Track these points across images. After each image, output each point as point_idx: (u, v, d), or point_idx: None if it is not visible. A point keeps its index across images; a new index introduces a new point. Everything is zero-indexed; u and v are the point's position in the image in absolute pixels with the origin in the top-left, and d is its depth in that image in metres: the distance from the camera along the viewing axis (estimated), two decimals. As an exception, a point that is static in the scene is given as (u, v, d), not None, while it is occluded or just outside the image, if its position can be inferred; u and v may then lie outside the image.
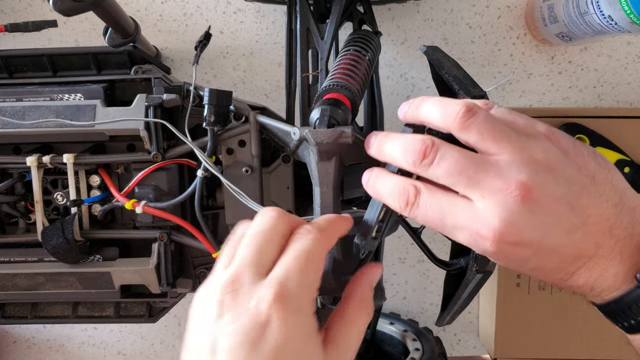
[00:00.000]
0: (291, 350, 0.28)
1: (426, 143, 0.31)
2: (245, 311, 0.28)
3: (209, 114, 0.43)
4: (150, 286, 0.48)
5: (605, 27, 0.54)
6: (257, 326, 0.28)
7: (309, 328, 0.30)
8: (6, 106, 0.46)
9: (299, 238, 0.32)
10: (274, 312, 0.28)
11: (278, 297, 0.28)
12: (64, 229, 0.46)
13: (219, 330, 0.28)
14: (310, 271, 0.31)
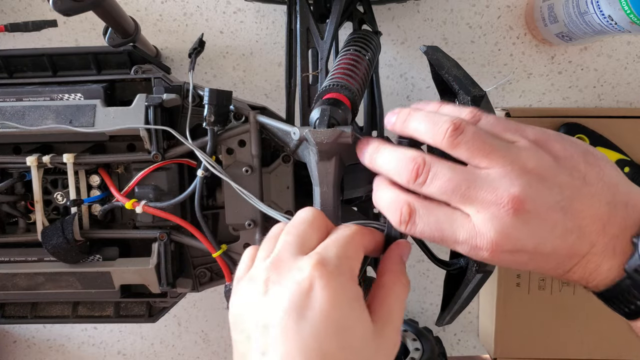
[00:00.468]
0: (337, 314, 0.28)
1: (417, 162, 0.32)
2: (289, 282, 0.29)
3: (209, 114, 0.43)
4: (150, 286, 0.48)
5: (605, 27, 0.54)
6: (302, 294, 0.28)
7: (352, 292, 0.30)
8: (6, 106, 0.46)
9: (340, 228, 0.33)
10: (315, 278, 0.29)
11: (318, 263, 0.29)
12: (64, 229, 0.46)
13: (267, 306, 0.29)
14: (349, 248, 0.31)
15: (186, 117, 0.48)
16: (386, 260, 0.35)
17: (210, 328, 0.77)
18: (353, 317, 0.29)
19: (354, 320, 0.29)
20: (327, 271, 0.29)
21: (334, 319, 0.28)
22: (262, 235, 0.47)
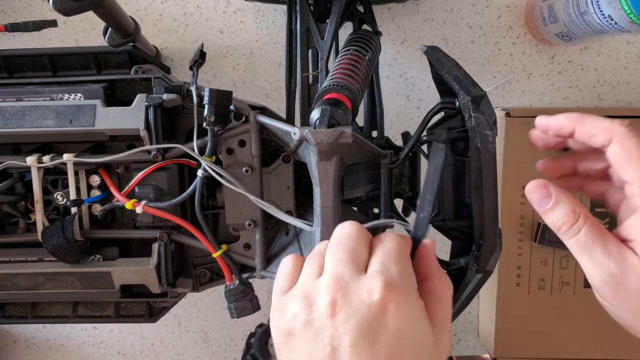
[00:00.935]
0: (410, 334, 0.29)
1: None
2: (359, 305, 0.29)
3: (209, 114, 0.43)
4: (150, 286, 0.48)
5: (605, 27, 0.54)
6: (375, 317, 0.29)
7: (419, 309, 0.31)
8: (6, 106, 0.46)
9: (384, 239, 0.33)
10: (387, 300, 0.29)
11: (387, 285, 0.29)
12: (64, 229, 0.46)
13: (338, 328, 0.29)
14: (404, 262, 0.32)
15: (186, 117, 0.48)
16: (425, 262, 0.35)
17: (210, 328, 0.77)
18: (422, 333, 0.30)
19: (423, 336, 0.30)
20: (398, 293, 0.29)
21: (408, 338, 0.29)
22: (262, 235, 0.47)
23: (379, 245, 0.33)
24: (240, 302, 0.48)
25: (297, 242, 0.47)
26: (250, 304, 0.48)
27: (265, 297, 0.75)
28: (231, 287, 0.48)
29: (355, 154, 0.41)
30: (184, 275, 0.51)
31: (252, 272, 0.49)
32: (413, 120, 0.70)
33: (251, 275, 0.49)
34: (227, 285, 0.48)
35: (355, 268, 0.31)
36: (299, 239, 0.48)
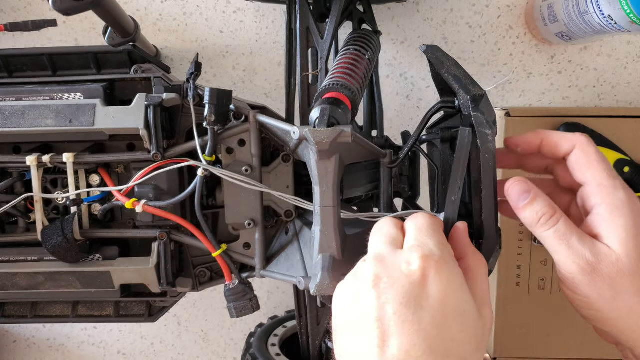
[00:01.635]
0: (453, 300, 0.30)
1: None
2: (399, 275, 0.30)
3: (209, 114, 0.43)
4: (150, 285, 0.48)
5: (605, 27, 0.54)
6: (416, 285, 0.30)
7: (460, 277, 0.32)
8: (6, 106, 0.46)
9: (415, 218, 0.35)
10: (427, 267, 0.30)
11: (424, 256, 0.31)
12: (63, 229, 0.46)
13: (380, 297, 0.30)
14: (438, 234, 0.34)
15: (186, 116, 0.48)
16: (459, 242, 0.36)
17: (210, 327, 0.77)
18: (465, 300, 0.31)
19: (466, 303, 0.31)
20: (435, 261, 0.31)
21: (451, 305, 0.30)
22: (262, 235, 0.47)
23: (411, 224, 0.35)
24: (240, 301, 0.48)
25: (297, 242, 0.47)
26: (249, 303, 0.48)
27: (265, 296, 0.75)
28: (231, 287, 0.48)
29: (354, 153, 0.41)
30: (183, 274, 0.51)
31: (251, 271, 0.49)
32: (413, 119, 0.70)
33: (251, 275, 0.49)
34: (227, 284, 0.48)
35: (392, 245, 0.33)
36: (299, 238, 0.48)
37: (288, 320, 0.67)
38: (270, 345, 0.62)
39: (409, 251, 0.32)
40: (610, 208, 0.35)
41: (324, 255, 0.40)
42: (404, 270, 0.31)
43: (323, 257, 0.40)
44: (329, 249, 0.40)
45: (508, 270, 0.64)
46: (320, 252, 0.40)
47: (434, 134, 0.46)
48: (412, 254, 0.31)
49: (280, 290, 0.75)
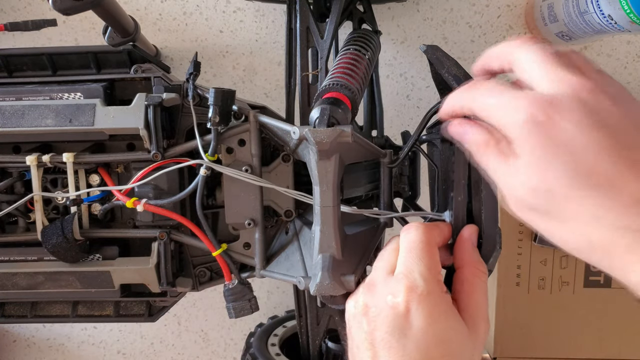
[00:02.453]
0: (435, 329, 0.32)
1: None
2: (384, 305, 0.33)
3: (214, 115, 0.43)
4: (150, 285, 0.48)
5: (605, 27, 0.54)
6: (400, 316, 0.33)
7: (444, 305, 0.33)
8: (6, 105, 0.46)
9: (407, 233, 0.36)
10: (410, 302, 0.33)
11: (409, 288, 0.33)
12: (63, 228, 0.46)
13: (370, 324, 0.34)
14: (426, 256, 0.35)
15: (186, 116, 0.48)
16: (459, 251, 0.37)
17: (210, 327, 0.77)
18: (449, 327, 0.33)
19: (450, 329, 0.33)
20: (418, 295, 0.33)
21: (433, 333, 0.32)
22: (262, 235, 0.47)
23: (403, 241, 0.36)
24: (239, 302, 0.48)
25: (296, 241, 0.47)
26: (248, 304, 0.48)
27: (265, 297, 0.75)
28: (230, 287, 0.47)
29: (354, 153, 0.41)
30: (183, 274, 0.51)
31: (251, 271, 0.49)
32: (413, 119, 0.70)
33: (250, 275, 0.49)
34: (226, 284, 0.48)
35: (386, 272, 0.35)
36: (299, 238, 0.48)
37: (288, 320, 0.67)
38: (270, 345, 0.62)
39: (396, 281, 0.34)
40: None
41: (324, 255, 0.40)
42: (389, 302, 0.33)
43: (323, 257, 0.40)
44: (329, 249, 0.40)
45: (508, 270, 0.64)
46: (320, 252, 0.40)
47: (434, 133, 0.46)
48: (398, 285, 0.33)
49: (280, 290, 0.75)
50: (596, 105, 0.29)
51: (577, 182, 0.28)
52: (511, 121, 0.30)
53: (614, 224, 0.28)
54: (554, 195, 0.29)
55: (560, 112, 0.28)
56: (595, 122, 0.28)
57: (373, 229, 0.46)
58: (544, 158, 0.29)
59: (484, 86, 0.33)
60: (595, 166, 0.28)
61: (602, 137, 0.28)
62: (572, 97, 0.29)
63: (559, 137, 0.28)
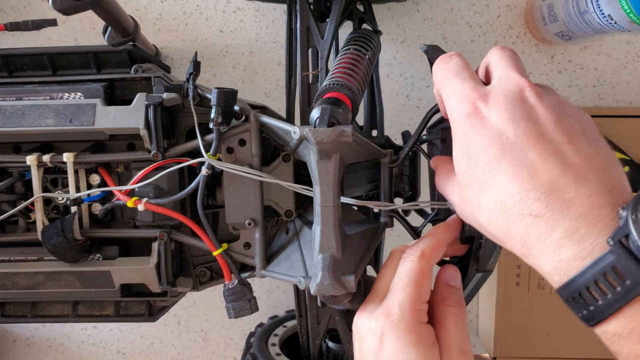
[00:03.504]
0: (406, 356, 0.35)
1: None
2: (368, 329, 0.37)
3: (216, 115, 0.43)
4: (150, 285, 0.48)
5: (605, 26, 0.54)
6: (377, 340, 0.36)
7: (415, 335, 0.36)
8: (6, 105, 0.46)
9: (402, 262, 0.38)
10: (384, 328, 0.36)
11: (384, 315, 0.36)
12: (64, 228, 0.46)
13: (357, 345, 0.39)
14: (411, 287, 0.37)
15: (186, 116, 0.48)
16: (435, 289, 0.40)
17: (210, 327, 0.77)
18: (418, 356, 0.35)
19: (419, 358, 0.35)
20: (391, 322, 0.36)
21: (402, 358, 0.35)
22: (262, 234, 0.47)
23: (399, 268, 0.38)
24: (239, 302, 0.48)
25: (297, 241, 0.47)
26: (248, 304, 0.48)
27: (265, 296, 0.75)
28: (230, 287, 0.47)
29: (355, 153, 0.41)
30: (183, 274, 0.51)
31: (251, 271, 0.49)
32: (413, 119, 0.70)
33: (250, 275, 0.49)
34: (226, 284, 0.48)
35: (376, 298, 0.39)
36: (299, 238, 0.48)
37: (288, 320, 0.67)
38: (271, 344, 0.62)
39: (380, 308, 0.37)
40: None
41: (324, 255, 0.40)
42: (371, 326, 0.37)
43: (323, 257, 0.40)
44: (329, 249, 0.40)
45: (508, 270, 0.64)
46: (320, 252, 0.40)
47: (434, 133, 0.46)
48: (380, 311, 0.37)
49: (280, 290, 0.75)
50: (530, 104, 0.32)
51: (489, 169, 0.31)
52: (451, 109, 0.34)
53: (521, 210, 0.30)
54: (472, 180, 0.32)
55: (492, 101, 0.32)
56: (523, 115, 0.31)
57: (373, 229, 0.46)
58: (465, 144, 0.33)
59: (449, 68, 0.36)
60: (507, 151, 0.31)
61: (525, 128, 0.31)
62: (510, 91, 0.32)
63: (484, 125, 0.32)
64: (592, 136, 0.31)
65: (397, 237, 0.72)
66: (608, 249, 0.27)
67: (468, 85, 0.34)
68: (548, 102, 0.32)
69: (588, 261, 0.28)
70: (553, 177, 0.29)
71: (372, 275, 0.53)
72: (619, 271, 0.26)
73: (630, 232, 0.26)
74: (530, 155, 0.30)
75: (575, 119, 0.32)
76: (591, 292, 0.28)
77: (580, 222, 0.28)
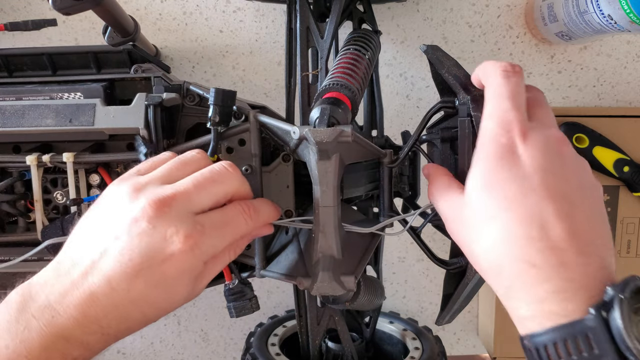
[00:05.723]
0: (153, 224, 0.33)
1: None
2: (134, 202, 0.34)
3: (214, 115, 0.43)
4: (150, 285, 0.48)
5: (605, 26, 0.54)
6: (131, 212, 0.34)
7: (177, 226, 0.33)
8: (6, 105, 0.46)
9: (212, 168, 0.37)
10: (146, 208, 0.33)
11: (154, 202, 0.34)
12: (63, 228, 0.46)
13: None
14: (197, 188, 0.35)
15: (186, 116, 0.48)
16: None
17: (209, 327, 0.77)
18: None
19: None
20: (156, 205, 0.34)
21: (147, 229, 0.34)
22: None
23: None
24: (239, 301, 0.48)
25: (296, 241, 0.47)
26: (249, 303, 0.48)
27: (265, 296, 0.75)
28: (230, 287, 0.47)
29: (355, 153, 0.41)
30: (183, 274, 0.50)
31: (252, 271, 0.49)
32: (412, 119, 0.70)
33: (251, 275, 0.49)
34: (227, 284, 0.48)
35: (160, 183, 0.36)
36: (299, 238, 0.48)
37: (288, 319, 0.67)
38: (270, 344, 0.62)
39: None
40: None
41: (324, 255, 0.40)
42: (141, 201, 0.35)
43: (323, 257, 0.40)
44: (329, 249, 0.40)
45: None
46: (320, 252, 0.40)
47: (434, 133, 0.46)
48: None
49: (280, 290, 0.75)
50: (564, 161, 0.32)
51: (504, 205, 0.32)
52: (486, 127, 0.34)
53: (521, 255, 0.31)
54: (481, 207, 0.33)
55: (531, 142, 0.32)
56: (554, 169, 0.32)
57: (373, 228, 0.46)
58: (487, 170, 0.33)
59: (508, 85, 0.35)
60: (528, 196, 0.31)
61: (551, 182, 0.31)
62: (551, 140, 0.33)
63: (514, 162, 0.32)
64: (602, 210, 0.32)
65: (397, 236, 0.72)
66: (587, 316, 0.28)
67: (516, 115, 0.33)
68: (578, 166, 0.33)
69: (565, 320, 0.29)
70: (561, 237, 0.30)
71: (372, 276, 0.53)
72: (590, 339, 0.28)
73: (612, 308, 0.28)
74: (548, 208, 0.31)
75: (592, 190, 0.33)
76: (557, 349, 0.29)
77: (570, 284, 0.29)
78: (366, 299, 0.47)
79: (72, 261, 0.34)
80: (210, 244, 0.34)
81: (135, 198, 0.34)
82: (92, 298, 0.32)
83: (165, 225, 0.33)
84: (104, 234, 0.34)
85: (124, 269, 0.32)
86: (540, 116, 0.34)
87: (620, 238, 0.66)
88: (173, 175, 0.36)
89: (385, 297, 0.53)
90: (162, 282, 0.33)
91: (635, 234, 0.65)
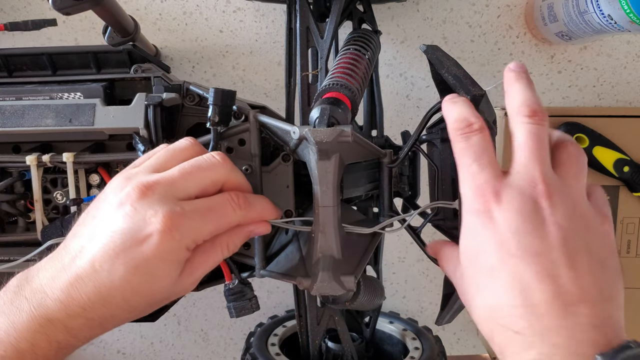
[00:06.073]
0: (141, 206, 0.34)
1: None
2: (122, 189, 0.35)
3: (213, 114, 0.43)
4: (150, 285, 0.48)
5: (605, 26, 0.54)
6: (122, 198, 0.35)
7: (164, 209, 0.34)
8: (6, 105, 0.46)
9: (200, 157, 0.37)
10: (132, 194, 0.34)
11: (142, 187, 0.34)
12: (63, 228, 0.46)
13: None
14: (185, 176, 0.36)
15: (185, 116, 0.48)
16: None
17: (209, 327, 0.77)
18: None
19: None
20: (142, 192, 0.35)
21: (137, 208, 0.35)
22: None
23: None
24: (239, 301, 0.48)
25: (296, 241, 0.47)
26: (249, 303, 0.48)
27: (265, 296, 0.75)
28: (230, 287, 0.47)
29: (354, 153, 0.41)
30: (183, 274, 0.50)
31: (252, 271, 0.49)
32: (412, 119, 0.70)
33: (251, 275, 0.49)
34: (227, 284, 0.48)
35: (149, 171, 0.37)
36: (299, 238, 0.48)
37: (288, 319, 0.67)
38: (270, 344, 0.62)
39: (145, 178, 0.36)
40: None
41: (324, 255, 0.40)
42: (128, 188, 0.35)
43: (323, 257, 0.40)
44: (329, 249, 0.40)
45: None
46: (320, 252, 0.40)
47: (434, 133, 0.46)
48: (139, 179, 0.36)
49: (280, 290, 0.75)
50: (541, 216, 0.31)
51: (488, 274, 0.32)
52: (464, 195, 0.34)
53: (505, 323, 0.31)
54: (472, 277, 0.34)
55: (504, 204, 0.32)
56: (530, 229, 0.31)
57: (373, 228, 0.46)
58: (471, 238, 0.33)
59: (469, 148, 0.34)
60: (506, 262, 0.31)
61: (527, 244, 0.31)
62: (524, 195, 0.32)
63: (492, 229, 0.32)
64: (597, 257, 0.31)
65: (397, 236, 0.72)
66: None
67: (484, 176, 0.33)
68: (561, 215, 0.31)
69: None
70: (543, 300, 0.29)
71: (372, 276, 0.53)
72: None
73: None
74: (527, 272, 0.30)
75: (585, 236, 0.31)
76: None
77: (555, 351, 0.28)
78: (366, 299, 0.47)
79: (66, 249, 0.36)
80: (191, 226, 0.34)
81: (124, 186, 0.35)
82: (77, 280, 0.33)
83: (147, 208, 0.33)
84: (94, 221, 0.35)
85: (106, 250, 0.33)
86: (516, 163, 0.33)
87: (620, 238, 0.66)
88: (162, 165, 0.37)
89: (385, 297, 0.53)
90: (143, 264, 0.33)
91: (635, 234, 0.65)
